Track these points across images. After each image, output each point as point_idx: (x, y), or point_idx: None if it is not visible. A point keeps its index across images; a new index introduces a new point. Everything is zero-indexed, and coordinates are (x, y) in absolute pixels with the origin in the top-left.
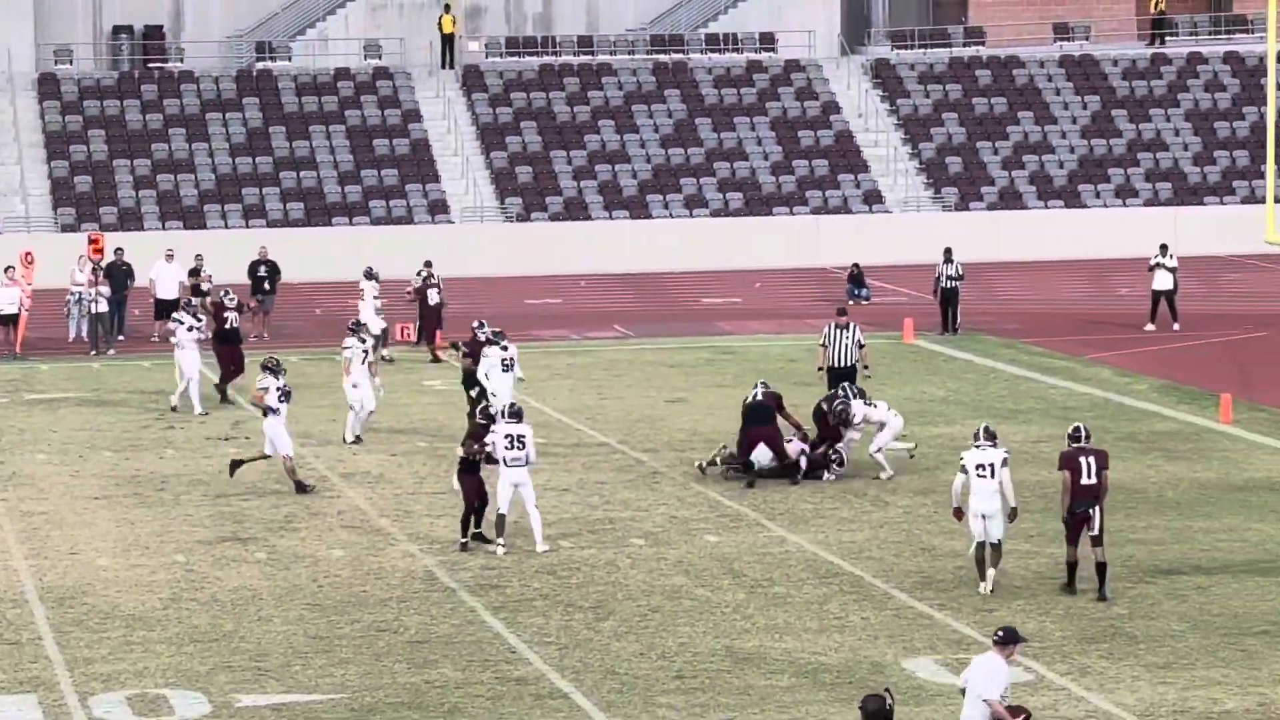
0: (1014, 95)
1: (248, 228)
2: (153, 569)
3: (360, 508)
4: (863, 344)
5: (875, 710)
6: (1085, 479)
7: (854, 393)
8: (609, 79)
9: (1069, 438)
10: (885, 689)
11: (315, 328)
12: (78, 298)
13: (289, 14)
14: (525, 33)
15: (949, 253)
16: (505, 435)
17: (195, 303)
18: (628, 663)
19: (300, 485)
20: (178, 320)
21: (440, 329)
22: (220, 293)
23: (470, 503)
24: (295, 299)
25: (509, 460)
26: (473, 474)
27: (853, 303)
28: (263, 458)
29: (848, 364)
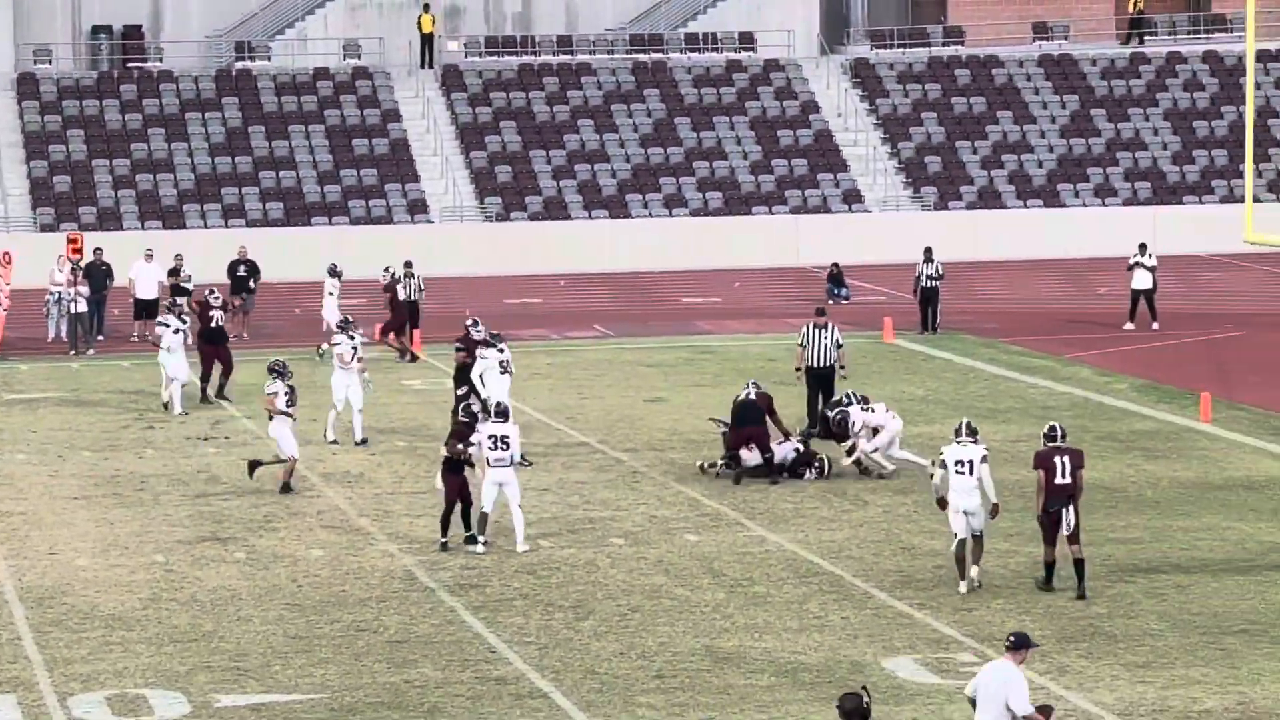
0: (993, 95)
1: (227, 227)
2: (132, 569)
3: (340, 507)
4: (841, 344)
5: (852, 709)
6: (1060, 478)
7: (856, 398)
8: (588, 79)
9: (1044, 437)
10: (862, 687)
11: (295, 327)
12: (57, 298)
13: (268, 14)
14: (504, 32)
15: (929, 252)
16: (490, 435)
17: (181, 303)
18: (607, 662)
19: (287, 486)
20: (163, 324)
21: (417, 327)
22: (205, 292)
23: (451, 503)
24: (275, 299)
25: (493, 460)
26: (456, 474)
27: (832, 302)
28: (278, 461)
29: (826, 364)
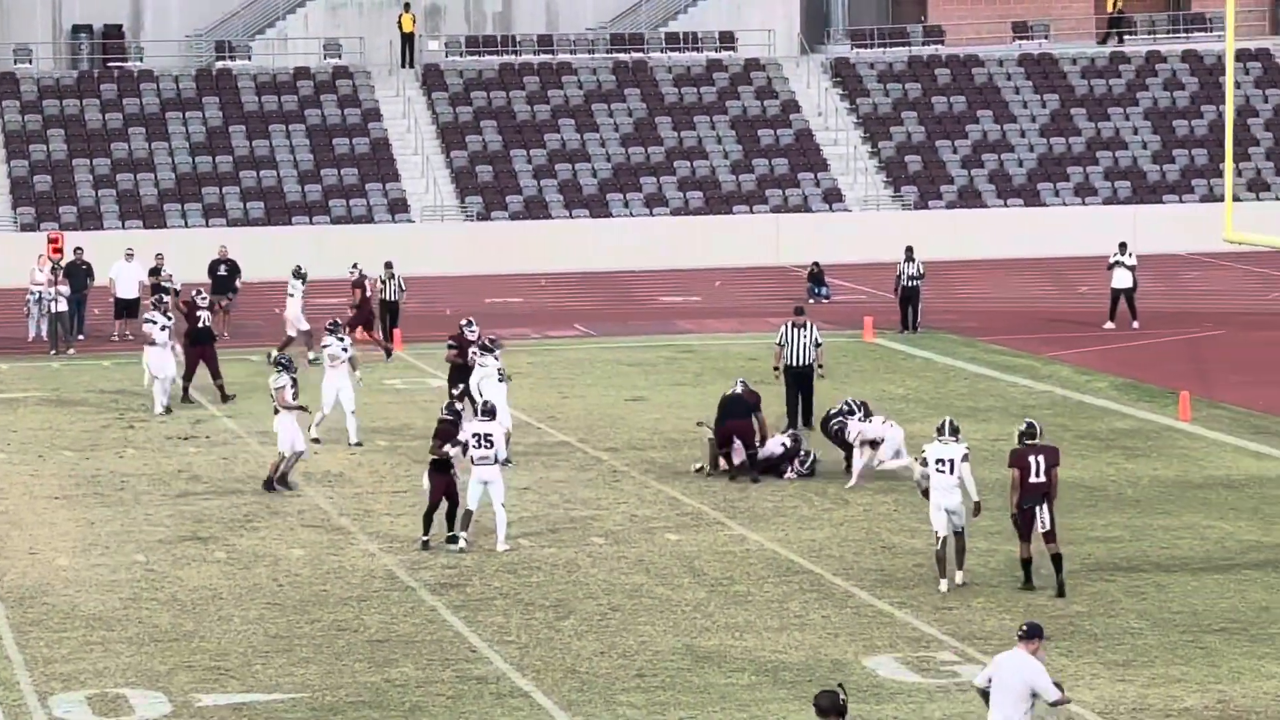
0: (973, 94)
1: (208, 227)
2: (113, 568)
3: (320, 507)
4: (820, 343)
5: (828, 706)
6: (1034, 476)
7: (856, 406)
8: (569, 78)
9: (1021, 435)
10: (838, 684)
11: (276, 326)
12: (38, 297)
13: (249, 13)
14: (485, 32)
15: (910, 251)
16: (474, 433)
17: (167, 300)
18: (588, 661)
19: (270, 483)
20: (151, 320)
21: (396, 326)
22: (192, 293)
23: (435, 502)
24: (255, 298)
25: (476, 459)
26: (443, 473)
27: (813, 301)
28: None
29: (804, 363)
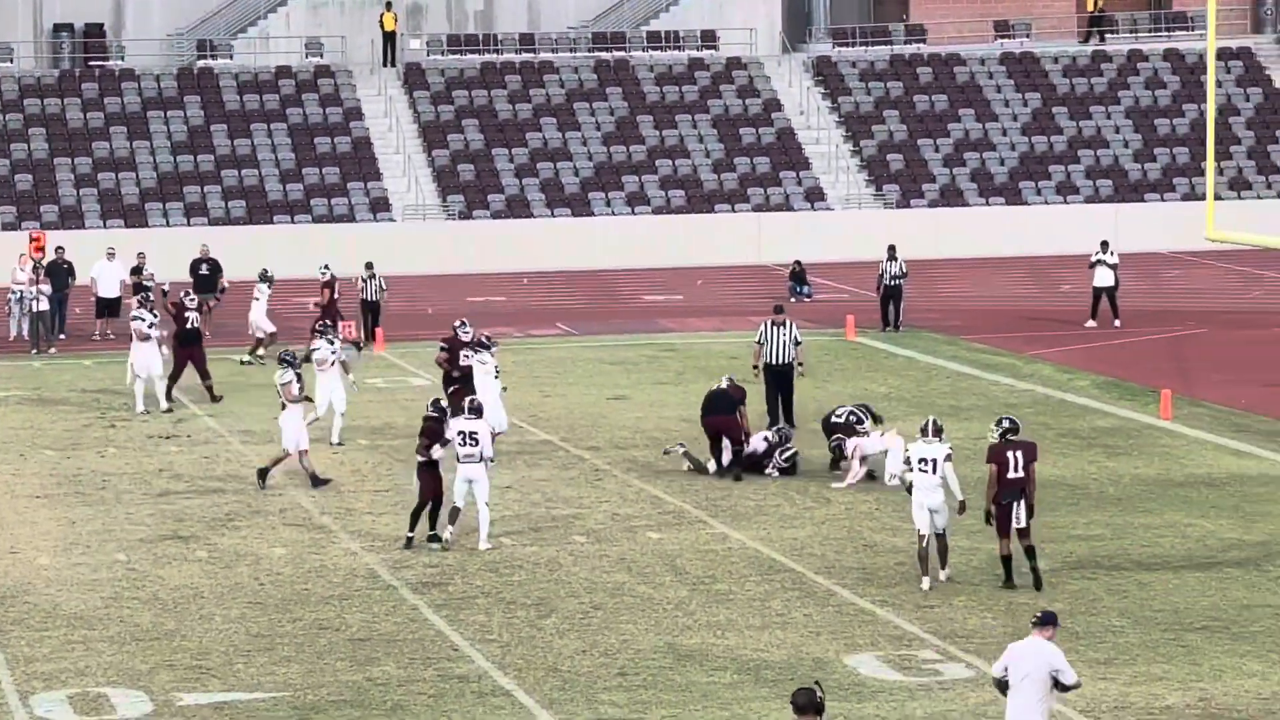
0: (955, 93)
1: (189, 226)
2: (94, 567)
3: (302, 505)
4: (799, 341)
5: (805, 703)
6: (1012, 472)
7: (864, 415)
8: (550, 77)
9: (1002, 432)
10: (815, 682)
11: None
12: (19, 296)
13: (230, 12)
14: (466, 30)
15: (893, 250)
16: (459, 431)
17: (153, 299)
18: (570, 660)
19: (263, 473)
20: (139, 318)
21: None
22: (181, 293)
23: (424, 500)
24: (237, 297)
25: (462, 456)
26: (432, 472)
27: (795, 300)
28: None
29: (784, 362)
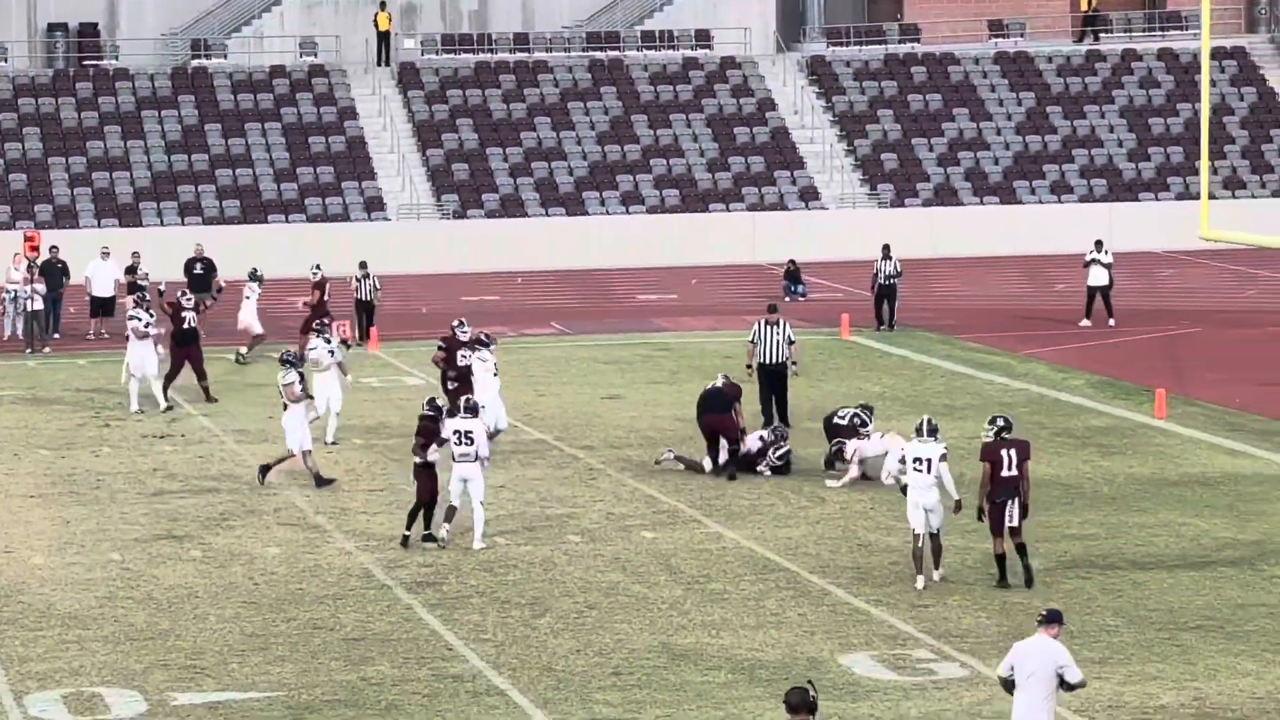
0: (949, 92)
1: (183, 225)
2: (88, 567)
3: (297, 505)
4: (793, 340)
5: (798, 703)
6: (1006, 470)
7: (867, 417)
8: (545, 76)
9: (996, 431)
10: (808, 681)
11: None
12: (14, 296)
13: (224, 11)
14: (461, 30)
15: (887, 249)
16: (454, 430)
17: (149, 299)
18: (564, 659)
19: (264, 470)
20: (135, 317)
21: (373, 325)
22: (178, 293)
23: (422, 500)
24: (231, 296)
25: (457, 455)
26: (428, 472)
27: (789, 299)
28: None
29: (777, 361)
